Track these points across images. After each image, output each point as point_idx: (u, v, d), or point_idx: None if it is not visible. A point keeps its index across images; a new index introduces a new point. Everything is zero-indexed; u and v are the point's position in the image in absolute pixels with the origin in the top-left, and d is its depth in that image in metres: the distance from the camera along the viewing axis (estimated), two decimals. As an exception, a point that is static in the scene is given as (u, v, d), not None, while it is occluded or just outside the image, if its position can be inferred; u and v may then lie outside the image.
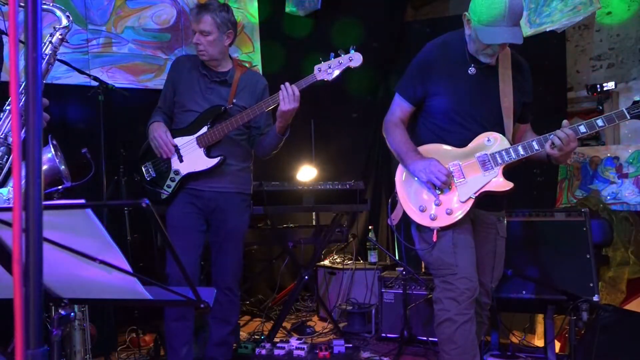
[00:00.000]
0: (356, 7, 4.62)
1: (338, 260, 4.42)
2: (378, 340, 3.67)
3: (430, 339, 3.37)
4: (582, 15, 3.77)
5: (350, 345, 3.16)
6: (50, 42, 1.90)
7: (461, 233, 2.33)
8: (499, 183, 2.31)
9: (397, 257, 4.21)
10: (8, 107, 1.80)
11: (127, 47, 3.88)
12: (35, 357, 0.75)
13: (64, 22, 1.92)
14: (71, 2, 3.56)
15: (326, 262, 4.43)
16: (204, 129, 2.70)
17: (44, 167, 1.98)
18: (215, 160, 2.70)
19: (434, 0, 5.25)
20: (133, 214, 3.31)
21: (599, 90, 4.29)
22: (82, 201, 1.00)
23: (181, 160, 2.73)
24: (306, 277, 3.67)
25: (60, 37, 1.91)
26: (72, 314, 1.31)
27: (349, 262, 4.34)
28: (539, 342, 3.52)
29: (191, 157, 2.72)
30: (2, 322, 1.35)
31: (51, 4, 1.92)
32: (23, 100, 0.78)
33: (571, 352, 2.68)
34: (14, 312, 0.74)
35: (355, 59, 2.57)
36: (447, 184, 2.30)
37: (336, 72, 2.58)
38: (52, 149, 2.00)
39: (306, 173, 4.39)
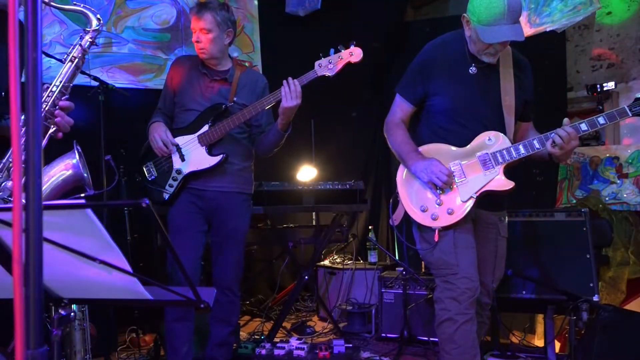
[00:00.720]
0: (356, 7, 4.63)
1: (338, 260, 4.42)
2: (378, 340, 3.67)
3: (430, 339, 3.37)
4: (582, 15, 3.78)
5: (350, 345, 3.15)
6: (80, 44, 1.87)
7: (462, 233, 2.33)
8: (500, 182, 2.31)
9: (397, 257, 4.21)
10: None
11: (127, 47, 3.88)
12: (35, 357, 0.75)
13: (95, 24, 1.89)
14: (70, 2, 3.55)
15: (326, 262, 4.42)
16: (205, 128, 2.70)
17: (68, 173, 1.93)
18: (217, 159, 2.70)
19: (434, 0, 5.25)
20: (133, 214, 3.30)
21: (599, 90, 4.29)
22: (82, 201, 1.00)
23: (183, 160, 2.73)
24: (306, 277, 3.67)
25: (90, 39, 1.88)
26: (72, 314, 1.31)
27: (349, 262, 4.34)
28: (539, 342, 3.52)
29: (193, 155, 2.72)
30: (2, 322, 1.35)
31: (82, 5, 1.90)
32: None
33: (571, 352, 2.68)
34: (14, 312, 0.74)
35: (355, 53, 2.57)
36: (448, 184, 2.30)
37: (337, 68, 2.58)
38: (77, 155, 1.95)
39: (306, 173, 4.39)
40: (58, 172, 1.91)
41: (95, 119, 3.12)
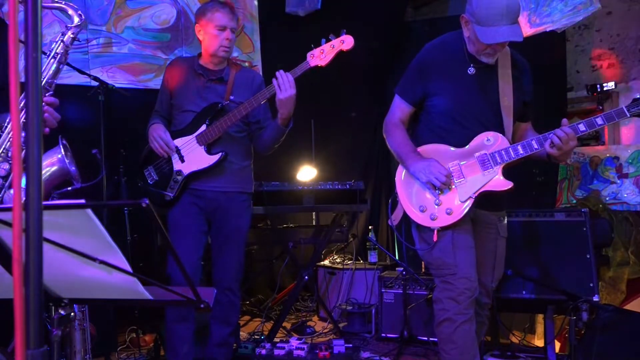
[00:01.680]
0: (356, 7, 4.62)
1: (338, 260, 4.42)
2: (378, 340, 3.67)
3: (430, 339, 3.37)
4: (582, 15, 3.78)
5: (350, 345, 3.15)
6: (62, 40, 1.87)
7: (461, 233, 2.33)
8: (499, 182, 2.31)
9: (397, 257, 4.21)
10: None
11: (127, 47, 3.88)
12: (35, 357, 0.75)
13: (76, 20, 1.89)
14: (70, 2, 3.55)
15: (326, 262, 4.43)
16: (203, 127, 2.71)
17: (54, 168, 1.94)
18: (216, 157, 2.70)
19: (434, 0, 5.25)
20: (133, 214, 3.31)
21: (599, 90, 4.29)
22: (82, 201, 1.00)
23: (182, 161, 2.73)
24: (306, 277, 3.67)
25: (72, 35, 1.88)
26: (72, 314, 1.31)
27: (349, 262, 4.34)
28: (539, 342, 3.52)
29: (192, 156, 2.72)
30: (2, 322, 1.35)
31: (63, 2, 1.90)
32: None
33: (571, 352, 2.68)
34: (14, 312, 0.74)
35: (346, 41, 2.57)
36: (447, 185, 2.30)
37: (329, 57, 2.58)
38: (62, 150, 1.95)
39: (306, 173, 4.39)
40: (44, 167, 1.92)
41: (95, 119, 3.12)
